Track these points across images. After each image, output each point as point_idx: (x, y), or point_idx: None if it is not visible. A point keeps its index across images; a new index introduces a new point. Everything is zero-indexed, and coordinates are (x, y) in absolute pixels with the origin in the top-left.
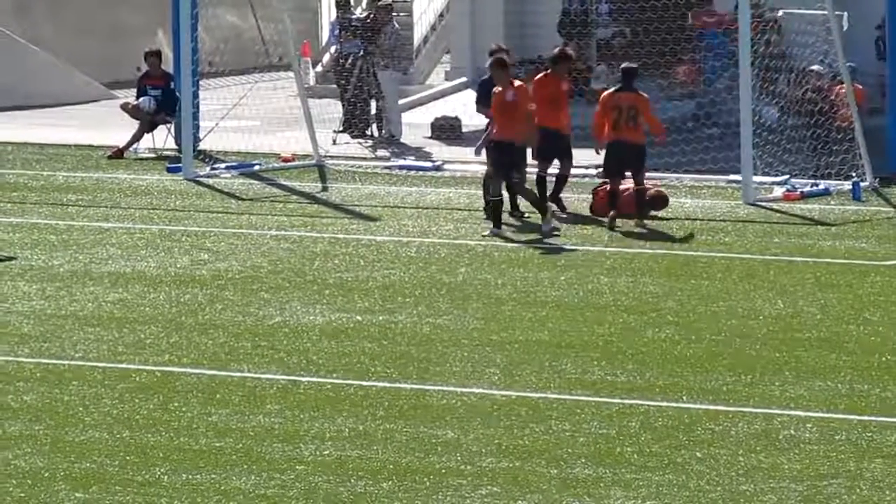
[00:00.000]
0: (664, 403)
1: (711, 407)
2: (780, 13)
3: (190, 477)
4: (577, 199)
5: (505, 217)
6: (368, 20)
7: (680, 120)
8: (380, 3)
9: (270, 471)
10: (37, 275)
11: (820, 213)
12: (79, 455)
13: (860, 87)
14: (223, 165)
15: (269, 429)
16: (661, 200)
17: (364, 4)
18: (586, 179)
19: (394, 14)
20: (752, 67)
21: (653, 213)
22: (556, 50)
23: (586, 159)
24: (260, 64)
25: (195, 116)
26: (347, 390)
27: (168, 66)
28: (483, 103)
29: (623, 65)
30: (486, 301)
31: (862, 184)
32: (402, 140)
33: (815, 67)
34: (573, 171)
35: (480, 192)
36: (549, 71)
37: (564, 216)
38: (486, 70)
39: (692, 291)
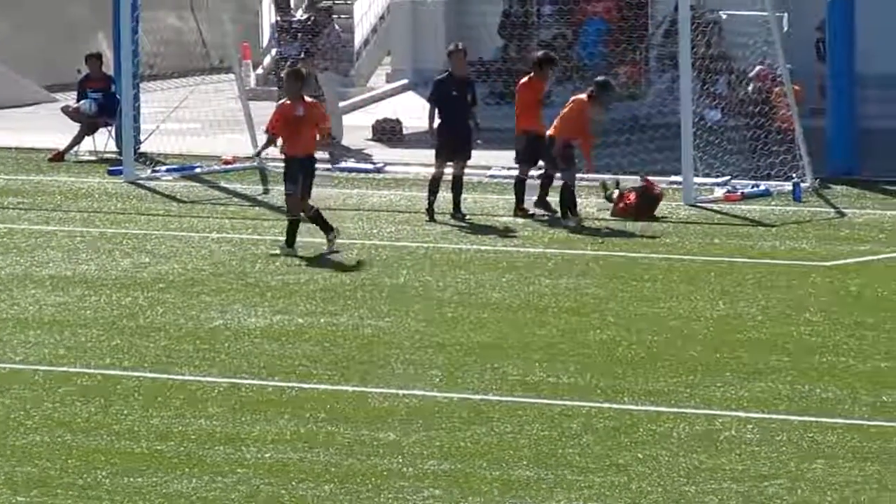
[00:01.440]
0: (606, 405)
1: (653, 408)
2: (721, 14)
3: (131, 480)
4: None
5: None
6: (309, 22)
7: (622, 122)
8: (320, 6)
9: (212, 474)
10: None
11: (760, 214)
12: (20, 459)
13: (797, 87)
14: (164, 168)
15: (210, 432)
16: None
17: (304, 7)
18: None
19: (334, 16)
20: (692, 69)
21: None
22: (541, 53)
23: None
24: (201, 66)
25: (136, 119)
26: (289, 393)
27: (109, 68)
28: (432, 100)
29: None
30: (427, 303)
31: (802, 185)
32: (343, 142)
33: (757, 68)
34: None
35: (423, 194)
36: (532, 74)
37: (546, 216)
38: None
39: (634, 293)
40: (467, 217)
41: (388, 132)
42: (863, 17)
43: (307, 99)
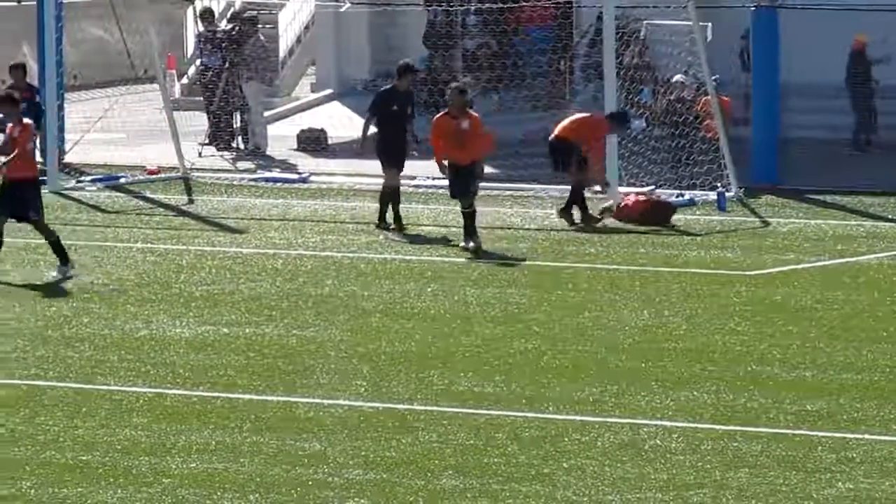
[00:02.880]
0: (531, 414)
1: (578, 418)
2: (645, 24)
3: (56, 491)
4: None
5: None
6: (233, 33)
7: (545, 132)
8: (245, 16)
9: (137, 484)
10: None
11: (685, 224)
12: None
13: (726, 98)
14: (89, 178)
15: (135, 442)
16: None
17: (228, 17)
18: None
19: (259, 26)
20: (617, 79)
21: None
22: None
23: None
24: (125, 77)
25: (60, 129)
26: (214, 403)
27: (33, 79)
28: (373, 112)
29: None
30: (352, 313)
31: (727, 194)
32: (267, 152)
33: (678, 77)
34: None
35: (346, 204)
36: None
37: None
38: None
39: (559, 302)
40: (391, 227)
41: (312, 142)
42: (786, 27)
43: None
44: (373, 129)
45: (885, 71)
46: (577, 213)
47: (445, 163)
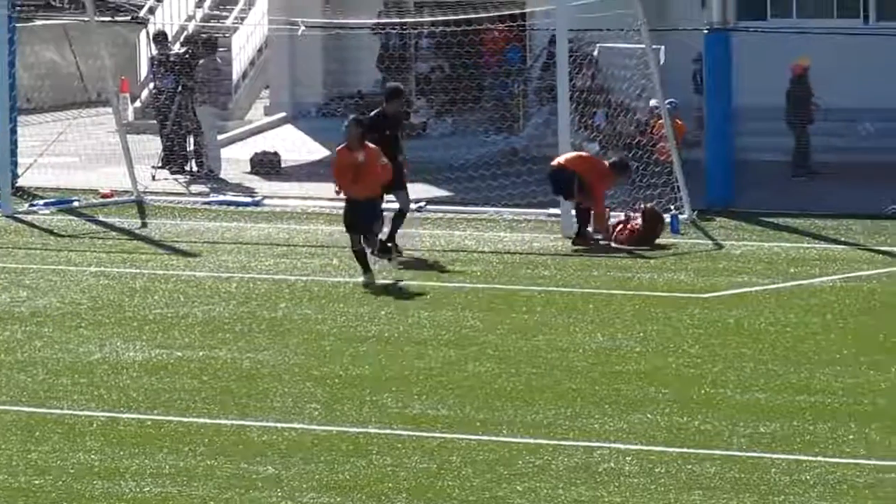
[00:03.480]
0: (485, 437)
1: (532, 440)
2: (597, 47)
3: None
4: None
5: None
6: (186, 56)
7: (498, 154)
8: (201, 38)
9: None
10: None
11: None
12: None
13: (680, 122)
14: (42, 202)
15: (89, 466)
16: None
17: (181, 40)
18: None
19: (217, 49)
20: (570, 102)
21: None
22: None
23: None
24: (79, 100)
25: (13, 153)
26: (168, 426)
27: None
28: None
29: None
30: (306, 336)
31: (680, 217)
32: (221, 175)
33: (653, 102)
34: None
35: (300, 228)
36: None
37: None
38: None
39: (512, 325)
40: (397, 253)
41: (266, 165)
42: (739, 50)
43: None
44: None
45: (828, 93)
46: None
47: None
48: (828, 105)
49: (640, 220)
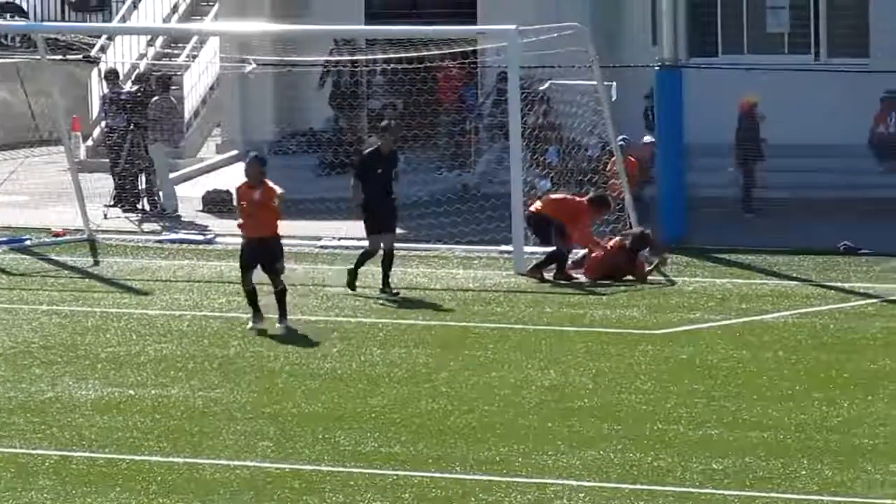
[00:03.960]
0: (438, 475)
1: (485, 477)
2: (548, 84)
3: None
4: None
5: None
6: (139, 94)
7: (450, 191)
8: (154, 77)
9: None
10: None
11: (591, 283)
12: None
13: (633, 158)
14: None
15: None
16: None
17: (133, 79)
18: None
19: (170, 87)
20: (522, 138)
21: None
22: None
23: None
24: (30, 139)
25: None
26: (120, 465)
27: None
28: (357, 175)
29: None
30: (259, 374)
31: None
32: (177, 213)
33: (622, 138)
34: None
35: None
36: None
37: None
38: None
39: (465, 362)
40: (397, 292)
41: (218, 203)
42: (691, 87)
43: None
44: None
45: (775, 130)
46: (548, 274)
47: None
48: (779, 141)
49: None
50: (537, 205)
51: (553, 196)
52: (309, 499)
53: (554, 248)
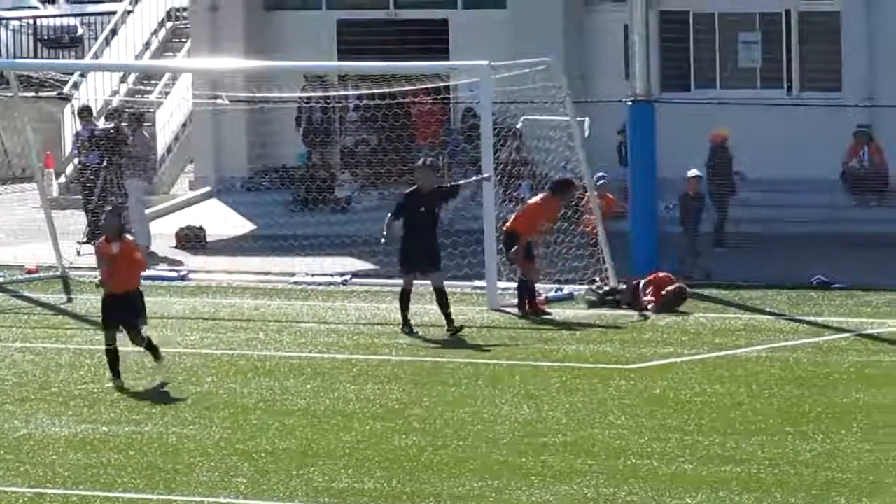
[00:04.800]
0: None
1: None
2: (522, 120)
3: None
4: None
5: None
6: (112, 131)
7: None
8: (128, 113)
9: None
10: None
11: (564, 318)
12: None
13: (610, 196)
14: None
15: None
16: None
17: (107, 115)
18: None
19: (146, 124)
20: (495, 173)
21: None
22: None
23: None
24: (3, 175)
25: None
26: (94, 502)
27: None
28: (395, 215)
29: None
30: (232, 410)
31: (605, 288)
32: (152, 249)
33: (692, 172)
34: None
35: (226, 301)
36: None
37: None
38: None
39: (438, 398)
40: (463, 328)
41: (191, 239)
42: (663, 121)
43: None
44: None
45: (748, 164)
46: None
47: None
48: (753, 176)
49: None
50: (508, 221)
51: (521, 207)
52: None
53: (517, 283)
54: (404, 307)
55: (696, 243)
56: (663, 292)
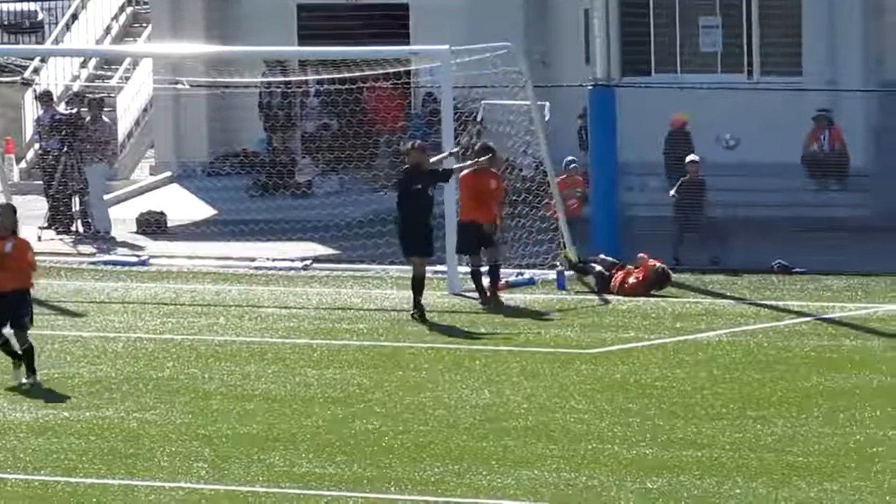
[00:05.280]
0: (372, 495)
1: (420, 497)
2: (482, 104)
3: None
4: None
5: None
6: (72, 117)
7: (384, 212)
8: (88, 98)
9: None
10: None
11: (525, 303)
12: None
13: (580, 177)
14: None
15: None
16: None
17: (66, 101)
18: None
19: (107, 109)
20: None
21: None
22: (481, 144)
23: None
24: None
25: None
26: (55, 487)
27: None
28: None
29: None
30: (193, 395)
31: (566, 273)
32: (112, 234)
33: (690, 157)
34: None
35: (186, 287)
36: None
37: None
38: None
39: (399, 382)
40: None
41: (152, 224)
42: (624, 105)
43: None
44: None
45: (711, 148)
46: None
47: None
48: (713, 160)
49: (640, 275)
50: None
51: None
52: None
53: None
54: (418, 292)
55: (708, 229)
56: (650, 263)
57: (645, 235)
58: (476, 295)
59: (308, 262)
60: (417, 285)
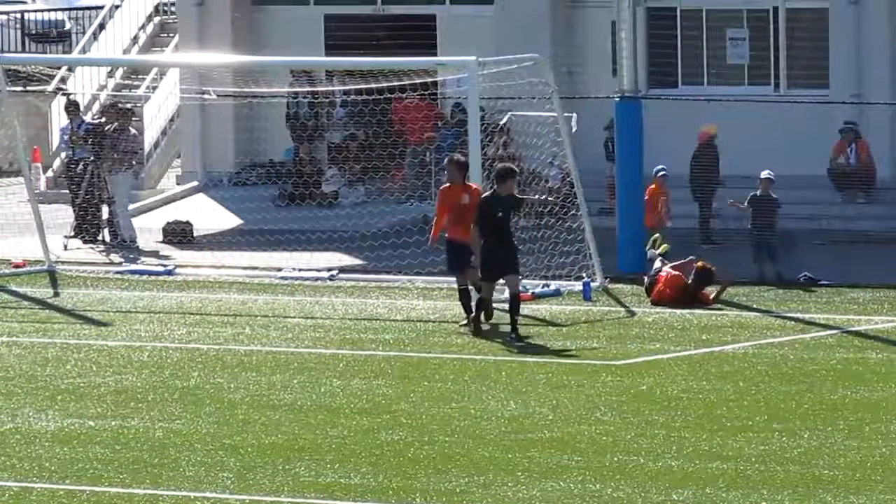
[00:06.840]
0: None
1: None
2: (509, 115)
3: None
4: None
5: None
6: (100, 126)
7: (410, 223)
8: (116, 108)
9: None
10: None
11: (551, 314)
12: None
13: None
14: None
15: None
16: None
17: (95, 110)
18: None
19: (134, 119)
20: (482, 170)
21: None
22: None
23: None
24: None
25: None
26: (80, 496)
27: None
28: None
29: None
30: (219, 405)
31: (592, 284)
32: (132, 244)
33: (764, 174)
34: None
35: (212, 296)
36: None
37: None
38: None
39: (425, 393)
40: (521, 341)
41: (178, 234)
42: (650, 118)
43: None
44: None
45: (735, 161)
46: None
47: None
48: (739, 172)
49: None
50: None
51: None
52: None
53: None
54: (482, 310)
55: (778, 245)
56: (697, 265)
57: (670, 248)
58: (498, 310)
59: (334, 272)
60: (482, 307)
